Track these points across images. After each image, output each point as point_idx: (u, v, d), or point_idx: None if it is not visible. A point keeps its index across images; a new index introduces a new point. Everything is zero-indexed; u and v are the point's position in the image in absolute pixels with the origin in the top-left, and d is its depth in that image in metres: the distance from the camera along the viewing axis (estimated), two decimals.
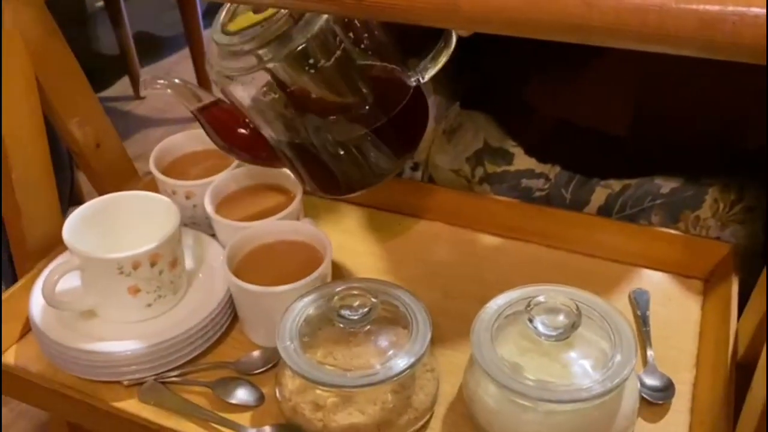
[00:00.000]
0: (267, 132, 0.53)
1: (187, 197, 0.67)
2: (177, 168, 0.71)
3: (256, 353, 0.58)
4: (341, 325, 0.51)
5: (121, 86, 1.93)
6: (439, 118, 0.95)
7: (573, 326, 0.48)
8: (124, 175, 0.71)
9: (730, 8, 0.33)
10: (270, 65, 0.48)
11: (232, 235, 0.61)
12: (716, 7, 0.33)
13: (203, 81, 1.72)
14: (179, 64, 2.01)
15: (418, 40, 0.57)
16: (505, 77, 0.83)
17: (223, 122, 0.55)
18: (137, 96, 1.89)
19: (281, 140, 0.53)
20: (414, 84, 0.56)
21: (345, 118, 0.52)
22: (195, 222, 0.68)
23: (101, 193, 0.70)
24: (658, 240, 0.63)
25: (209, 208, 0.63)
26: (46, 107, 0.62)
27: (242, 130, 0.54)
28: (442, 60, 0.56)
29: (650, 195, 0.79)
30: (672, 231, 0.64)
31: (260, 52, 0.47)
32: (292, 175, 0.67)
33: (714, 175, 0.77)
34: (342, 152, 0.53)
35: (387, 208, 0.73)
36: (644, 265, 0.64)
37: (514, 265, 0.66)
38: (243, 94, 0.51)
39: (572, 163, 0.83)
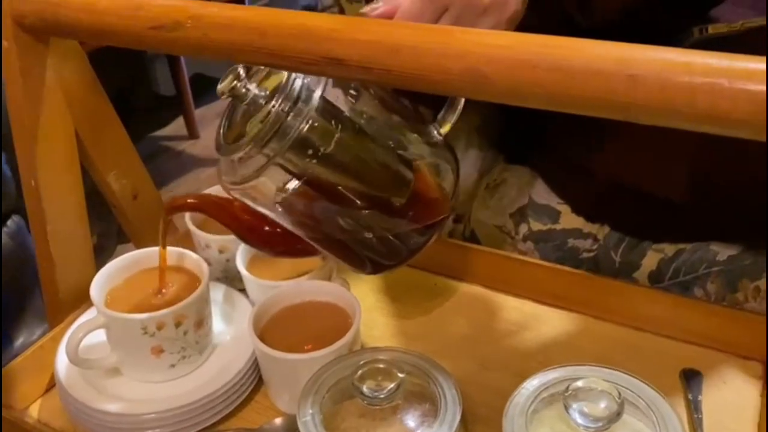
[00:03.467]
0: (293, 228, 0.51)
1: (221, 251, 0.66)
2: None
3: (278, 421, 0.56)
4: (365, 402, 0.48)
5: (177, 126, 1.98)
6: (483, 172, 0.93)
7: (615, 416, 0.44)
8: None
9: None
10: (277, 161, 0.45)
11: (263, 293, 0.60)
12: None
13: None
14: None
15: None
16: (555, 136, 0.80)
17: (250, 226, 0.54)
18: (192, 136, 1.93)
19: (310, 235, 0.52)
20: (436, 140, 0.53)
21: (366, 202, 0.50)
22: (228, 276, 0.67)
23: (138, 243, 0.70)
24: (715, 316, 0.58)
25: (240, 264, 0.62)
26: (84, 159, 0.62)
27: (268, 228, 0.53)
28: (459, 107, 0.53)
29: (706, 262, 0.74)
30: (730, 307, 0.59)
31: (265, 150, 0.45)
32: None
33: None
34: (367, 237, 0.50)
35: (424, 267, 0.70)
36: (698, 342, 0.59)
37: (558, 336, 0.62)
38: (261, 199, 0.49)
39: (623, 225, 0.79)
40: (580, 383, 0.45)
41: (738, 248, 0.73)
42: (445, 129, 0.52)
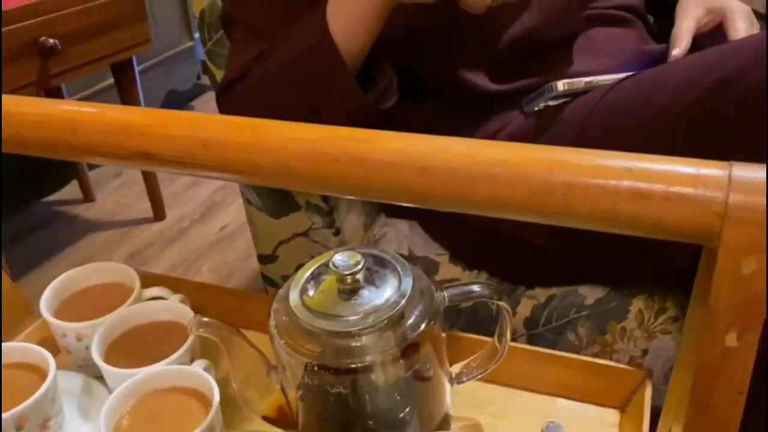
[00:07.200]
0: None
1: (79, 339, 0.63)
2: (74, 304, 0.68)
3: None
4: None
5: (71, 189, 1.91)
6: (367, 227, 0.94)
7: None
8: (16, 316, 0.67)
9: (559, 179, 0.31)
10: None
11: (120, 382, 0.58)
12: (545, 178, 0.31)
13: (151, 183, 1.70)
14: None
15: None
16: None
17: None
18: (87, 199, 1.87)
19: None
20: (451, 386, 0.57)
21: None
22: (89, 364, 0.64)
23: None
24: (572, 368, 0.60)
25: (96, 353, 0.60)
26: None
27: None
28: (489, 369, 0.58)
29: (575, 306, 0.77)
30: (585, 358, 0.61)
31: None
32: (187, 311, 0.64)
33: (638, 285, 0.75)
34: None
35: None
36: (558, 394, 0.61)
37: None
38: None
39: (498, 271, 0.81)
40: None
41: (604, 291, 0.76)
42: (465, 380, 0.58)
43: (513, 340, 0.79)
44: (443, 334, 0.55)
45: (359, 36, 0.62)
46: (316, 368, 0.49)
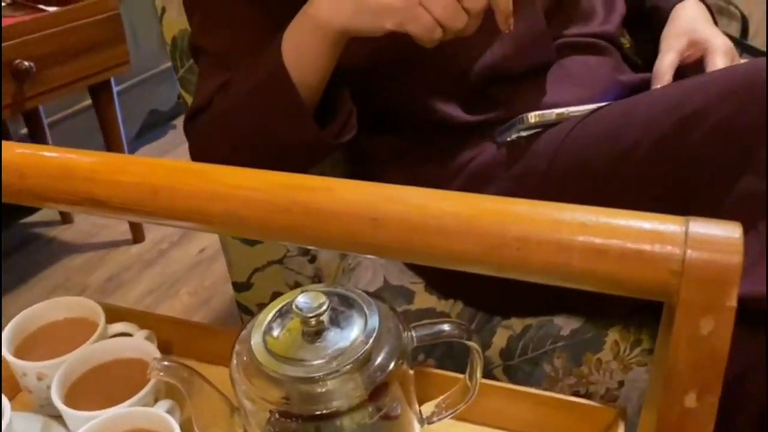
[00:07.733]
0: None
1: (39, 378, 0.62)
2: (37, 341, 0.66)
3: None
4: None
5: (48, 211, 1.89)
6: (342, 255, 0.93)
7: None
8: None
9: (512, 234, 0.30)
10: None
11: (81, 425, 0.56)
12: (498, 232, 0.30)
13: None
14: None
15: None
16: None
17: None
18: (65, 221, 1.85)
19: None
20: (422, 426, 0.55)
21: None
22: (51, 404, 0.62)
23: None
24: (545, 405, 0.59)
25: (56, 395, 0.58)
26: None
27: None
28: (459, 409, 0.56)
29: (551, 337, 0.76)
30: (558, 395, 0.60)
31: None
32: (152, 349, 0.63)
33: (613, 316, 0.74)
34: None
35: None
36: None
37: None
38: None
39: (473, 300, 0.80)
40: None
41: (579, 321, 0.76)
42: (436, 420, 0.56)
43: (489, 370, 0.78)
44: (411, 372, 0.53)
45: (314, 68, 0.61)
46: (278, 415, 0.48)
